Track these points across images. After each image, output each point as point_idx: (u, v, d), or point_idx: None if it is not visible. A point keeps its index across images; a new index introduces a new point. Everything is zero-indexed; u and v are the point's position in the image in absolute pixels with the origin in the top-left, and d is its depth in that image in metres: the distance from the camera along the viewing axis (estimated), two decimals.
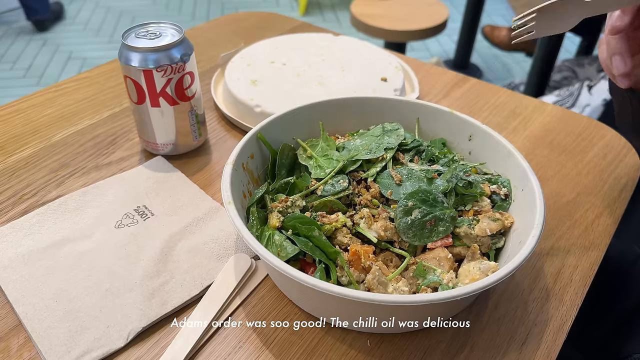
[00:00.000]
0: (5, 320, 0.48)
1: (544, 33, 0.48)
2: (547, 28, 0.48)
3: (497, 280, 0.41)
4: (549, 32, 0.48)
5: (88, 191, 0.61)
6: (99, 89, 0.81)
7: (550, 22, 0.47)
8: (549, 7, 0.47)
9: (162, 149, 0.66)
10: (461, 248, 0.50)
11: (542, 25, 0.48)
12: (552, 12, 0.47)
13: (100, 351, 0.45)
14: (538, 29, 0.48)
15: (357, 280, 0.46)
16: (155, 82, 0.59)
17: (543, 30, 0.48)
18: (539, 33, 0.48)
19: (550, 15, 0.47)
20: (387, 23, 1.88)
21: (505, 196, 0.53)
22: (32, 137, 0.71)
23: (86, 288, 0.50)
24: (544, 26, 0.48)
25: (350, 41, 0.89)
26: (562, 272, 0.54)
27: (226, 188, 0.48)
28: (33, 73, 2.47)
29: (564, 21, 0.47)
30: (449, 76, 0.88)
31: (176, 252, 0.54)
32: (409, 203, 0.49)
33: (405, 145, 0.58)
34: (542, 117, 0.78)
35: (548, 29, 0.48)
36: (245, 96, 0.74)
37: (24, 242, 0.54)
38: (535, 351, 0.47)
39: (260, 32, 1.00)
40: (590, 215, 0.61)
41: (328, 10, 3.19)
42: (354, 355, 0.46)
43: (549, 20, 0.47)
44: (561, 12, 0.47)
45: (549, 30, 0.48)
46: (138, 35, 0.60)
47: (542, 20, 0.48)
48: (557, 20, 0.47)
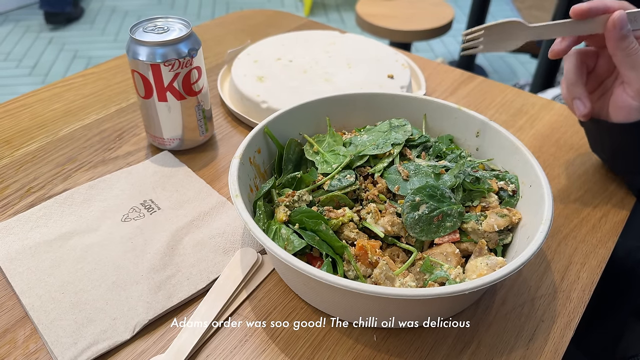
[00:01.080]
0: (12, 312, 0.48)
1: (490, 49, 0.53)
2: (493, 45, 0.53)
3: (506, 274, 0.40)
4: (495, 49, 0.53)
5: (95, 185, 0.61)
6: (106, 84, 0.81)
7: (497, 41, 0.53)
8: (497, 26, 0.52)
9: (168, 143, 0.66)
10: (468, 244, 0.49)
11: (489, 42, 0.53)
12: (499, 32, 0.52)
13: (106, 343, 0.45)
14: (485, 45, 0.53)
15: (364, 275, 0.46)
16: (163, 77, 0.59)
17: (489, 46, 0.53)
18: (485, 49, 0.53)
19: (497, 35, 0.52)
20: (392, 23, 1.88)
21: (513, 192, 0.53)
22: (38, 131, 0.71)
23: (92, 280, 0.50)
24: (490, 43, 0.53)
25: (357, 38, 0.89)
26: (570, 270, 0.54)
27: (233, 181, 0.48)
28: (38, 71, 2.47)
29: (509, 41, 0.53)
30: (456, 74, 0.87)
31: (182, 246, 0.54)
32: (416, 198, 0.49)
33: (413, 141, 0.58)
34: (549, 116, 0.77)
35: (494, 46, 0.53)
36: (252, 92, 0.74)
37: (31, 235, 0.54)
38: (542, 347, 0.47)
39: (267, 30, 1.00)
40: (598, 214, 0.61)
41: (333, 11, 3.19)
42: (360, 350, 0.46)
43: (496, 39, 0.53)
44: (508, 32, 0.52)
45: (495, 48, 0.53)
46: (146, 29, 0.60)
47: (490, 37, 0.53)
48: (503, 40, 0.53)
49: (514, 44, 0.53)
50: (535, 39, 0.52)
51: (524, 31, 0.51)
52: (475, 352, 0.46)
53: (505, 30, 0.52)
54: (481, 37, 0.52)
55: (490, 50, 0.53)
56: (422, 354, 0.46)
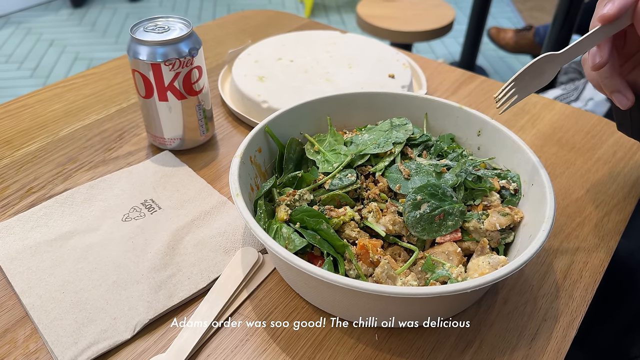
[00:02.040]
0: (12, 311, 0.48)
1: (526, 94, 0.51)
2: (528, 88, 0.51)
3: (507, 273, 0.40)
4: (531, 91, 0.51)
5: (95, 185, 0.61)
6: (107, 85, 0.81)
7: (529, 83, 0.50)
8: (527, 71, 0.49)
9: (169, 143, 0.66)
10: (470, 243, 0.49)
11: (522, 88, 0.50)
12: (529, 75, 0.50)
13: (107, 343, 0.45)
14: (520, 93, 0.51)
15: (365, 274, 0.46)
16: (164, 76, 0.59)
17: (525, 91, 0.51)
18: (521, 96, 0.51)
19: (528, 78, 0.50)
20: (393, 24, 1.88)
21: (515, 191, 0.53)
22: (39, 131, 0.71)
23: (93, 280, 0.50)
24: (525, 88, 0.50)
25: (358, 38, 0.89)
26: (572, 269, 0.54)
27: (234, 180, 0.48)
28: (40, 73, 2.48)
29: (542, 77, 0.50)
30: (457, 74, 0.87)
31: (183, 245, 0.54)
32: (417, 197, 0.48)
33: (414, 140, 0.57)
34: (550, 115, 0.77)
35: (530, 89, 0.51)
36: (252, 92, 0.73)
37: (31, 235, 0.54)
38: (545, 346, 0.46)
39: (268, 30, 1.00)
40: (600, 213, 0.61)
41: (334, 12, 3.19)
42: (361, 349, 0.46)
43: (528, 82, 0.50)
44: (537, 71, 0.50)
45: (531, 90, 0.51)
46: (147, 29, 0.60)
47: (522, 85, 0.50)
48: (535, 78, 0.50)
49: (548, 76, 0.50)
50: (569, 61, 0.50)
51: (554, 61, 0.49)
52: (478, 352, 0.46)
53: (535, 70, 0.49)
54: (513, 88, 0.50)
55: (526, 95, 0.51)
56: (423, 354, 0.46)
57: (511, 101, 0.51)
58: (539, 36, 2.26)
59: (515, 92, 0.50)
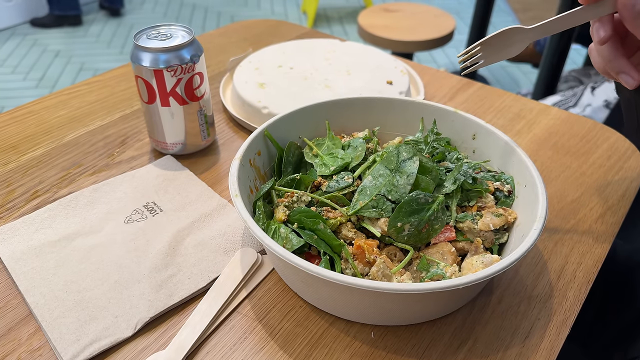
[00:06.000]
0: (16, 310, 0.49)
1: (492, 61, 0.52)
2: (494, 56, 0.51)
3: (500, 270, 0.41)
4: (497, 59, 0.52)
5: (99, 188, 0.62)
6: (111, 92, 0.83)
7: (496, 51, 0.51)
8: (493, 38, 0.51)
9: (171, 148, 0.67)
10: (464, 243, 0.50)
11: (489, 55, 0.51)
12: (497, 42, 0.51)
13: (109, 340, 0.46)
14: (486, 59, 0.52)
15: (361, 273, 0.47)
16: (166, 82, 0.61)
17: (490, 59, 0.52)
18: (487, 62, 0.52)
19: (496, 45, 0.51)
20: (394, 34, 1.90)
21: (509, 192, 0.54)
22: (44, 137, 0.72)
23: (95, 280, 0.51)
24: (491, 56, 0.51)
25: (357, 46, 0.90)
26: (566, 269, 0.55)
27: (233, 181, 0.49)
28: (45, 84, 2.51)
29: (510, 48, 0.51)
30: (454, 80, 0.89)
31: (184, 246, 0.55)
32: (397, 224, 0.48)
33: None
34: (546, 120, 0.78)
35: (495, 57, 0.51)
36: (253, 98, 0.75)
37: (36, 236, 0.55)
38: (538, 345, 0.47)
39: (269, 39, 1.02)
40: (594, 215, 0.62)
41: (336, 24, 3.22)
42: (357, 347, 0.47)
43: (495, 50, 0.51)
44: (507, 40, 0.51)
45: (496, 58, 0.52)
46: (149, 36, 0.62)
47: (488, 50, 0.51)
48: (504, 48, 0.51)
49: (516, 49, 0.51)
50: (540, 37, 0.50)
51: (524, 34, 0.50)
52: (472, 349, 0.47)
53: (503, 39, 0.50)
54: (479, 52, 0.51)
55: (493, 62, 0.51)
56: (419, 351, 0.46)
57: (476, 64, 0.52)
58: (540, 45, 2.27)
59: (481, 57, 0.52)
